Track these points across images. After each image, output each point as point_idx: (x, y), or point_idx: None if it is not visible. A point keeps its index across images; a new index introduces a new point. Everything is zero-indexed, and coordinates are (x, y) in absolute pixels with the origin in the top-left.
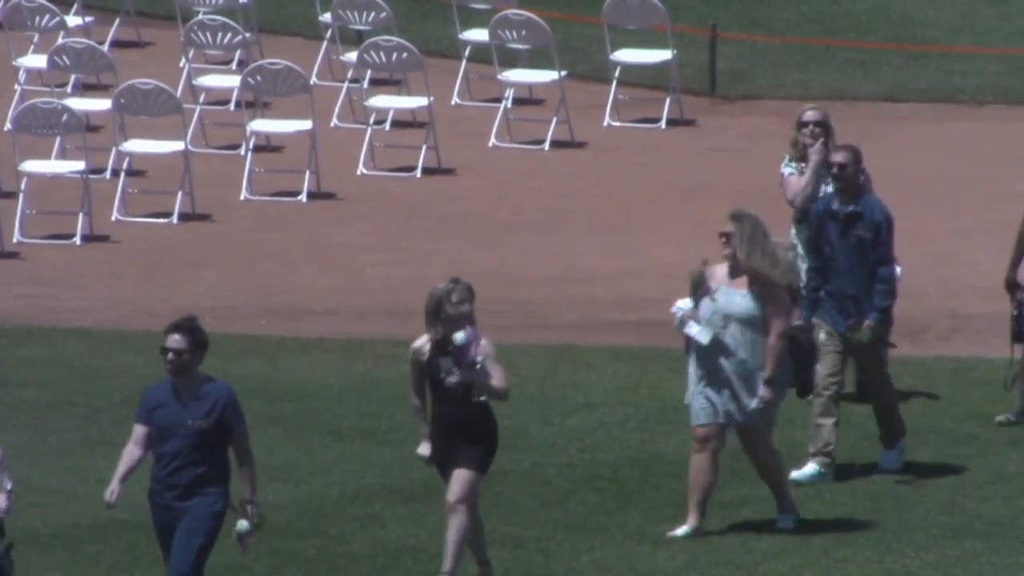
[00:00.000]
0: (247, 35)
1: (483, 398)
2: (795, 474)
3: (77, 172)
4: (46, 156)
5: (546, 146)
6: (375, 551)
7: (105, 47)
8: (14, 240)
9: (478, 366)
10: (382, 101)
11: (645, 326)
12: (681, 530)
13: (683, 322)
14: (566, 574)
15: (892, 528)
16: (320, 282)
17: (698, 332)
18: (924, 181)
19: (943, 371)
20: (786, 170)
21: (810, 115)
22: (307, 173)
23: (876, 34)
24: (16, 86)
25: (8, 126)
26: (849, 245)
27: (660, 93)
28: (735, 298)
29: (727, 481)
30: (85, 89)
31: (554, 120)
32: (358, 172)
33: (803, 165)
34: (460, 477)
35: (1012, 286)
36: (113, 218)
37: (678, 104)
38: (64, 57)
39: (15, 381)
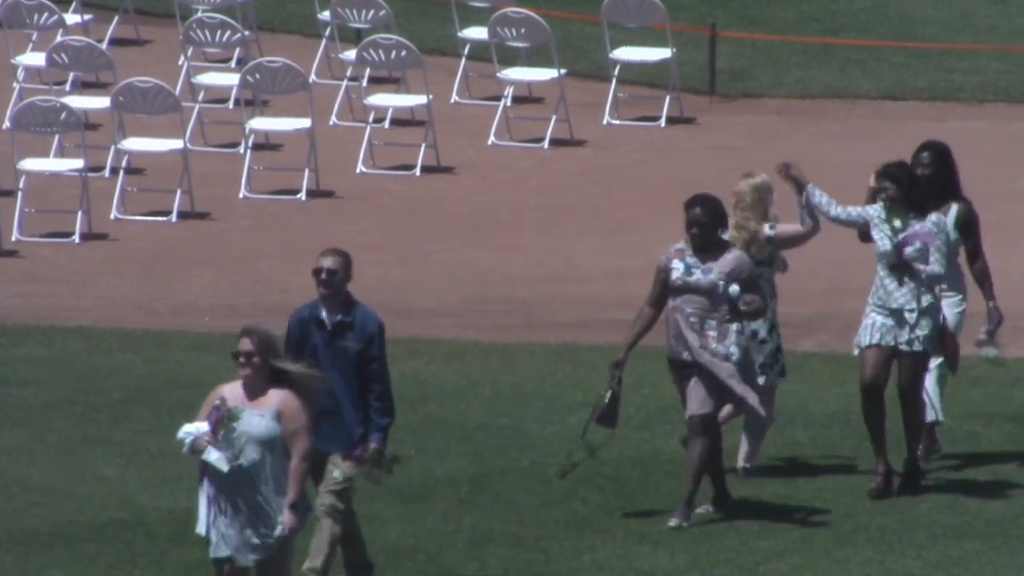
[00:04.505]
0: (246, 33)
1: None
2: None
3: (76, 170)
4: (45, 154)
5: (545, 144)
6: (374, 550)
7: (104, 45)
8: (13, 238)
9: None
10: (381, 99)
11: None
12: None
13: (196, 447)
14: (566, 573)
15: (893, 528)
16: None
17: (217, 459)
18: None
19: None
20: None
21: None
22: (306, 171)
23: (876, 32)
24: (15, 84)
25: (7, 124)
26: (337, 357)
27: (660, 91)
28: (254, 419)
29: (728, 480)
30: (84, 87)
31: (553, 118)
32: (357, 170)
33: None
34: None
35: (618, 365)
36: (112, 216)
37: (678, 102)
38: (63, 55)
39: (14, 380)
